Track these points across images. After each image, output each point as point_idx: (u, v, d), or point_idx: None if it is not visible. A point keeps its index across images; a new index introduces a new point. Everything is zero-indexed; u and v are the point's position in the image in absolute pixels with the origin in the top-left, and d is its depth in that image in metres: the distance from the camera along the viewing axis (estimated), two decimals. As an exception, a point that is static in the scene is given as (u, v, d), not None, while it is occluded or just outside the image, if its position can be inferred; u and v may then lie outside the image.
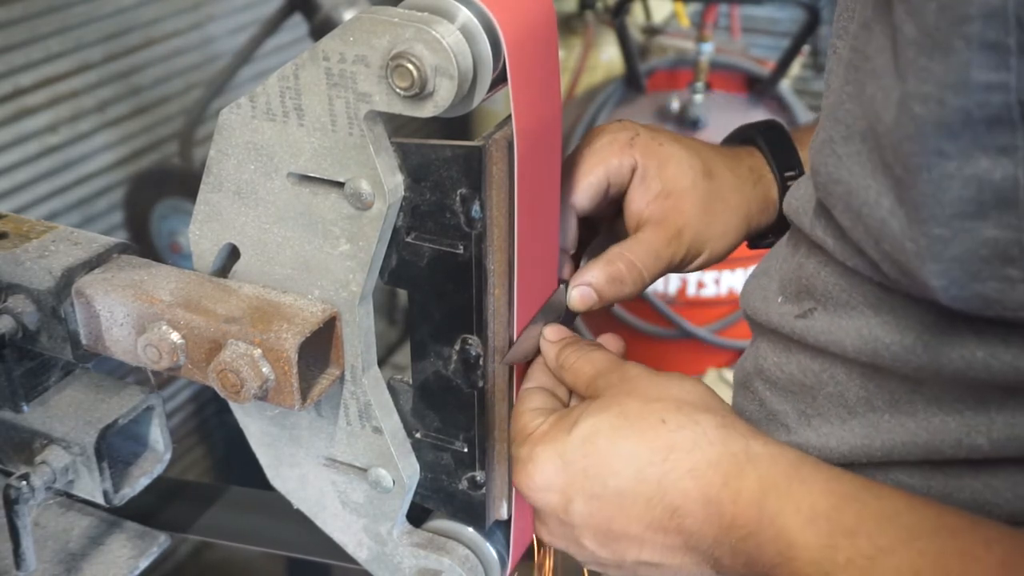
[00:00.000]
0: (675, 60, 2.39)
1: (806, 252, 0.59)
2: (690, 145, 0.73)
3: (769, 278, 0.64)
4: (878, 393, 0.54)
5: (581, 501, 0.57)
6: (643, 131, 0.71)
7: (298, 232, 0.62)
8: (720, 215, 0.72)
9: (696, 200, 0.70)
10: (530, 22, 0.57)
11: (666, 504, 0.54)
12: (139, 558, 0.77)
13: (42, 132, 1.85)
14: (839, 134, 0.49)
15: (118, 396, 0.70)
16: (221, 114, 0.61)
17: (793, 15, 2.97)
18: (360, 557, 0.74)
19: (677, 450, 0.54)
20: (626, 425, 0.56)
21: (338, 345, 0.64)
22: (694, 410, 0.56)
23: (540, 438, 0.59)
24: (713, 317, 2.29)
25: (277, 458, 0.73)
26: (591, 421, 0.57)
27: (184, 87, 2.12)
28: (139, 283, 0.64)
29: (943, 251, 0.43)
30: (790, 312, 0.59)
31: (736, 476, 0.53)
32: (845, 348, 0.54)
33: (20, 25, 1.76)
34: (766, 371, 0.62)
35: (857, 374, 0.55)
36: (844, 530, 0.48)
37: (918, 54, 0.41)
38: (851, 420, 0.56)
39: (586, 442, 0.57)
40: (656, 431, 0.55)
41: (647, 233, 0.69)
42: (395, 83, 0.53)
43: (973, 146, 0.41)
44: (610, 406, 0.57)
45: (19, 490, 0.65)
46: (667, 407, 0.56)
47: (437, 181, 0.59)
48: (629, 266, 0.68)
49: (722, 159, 0.74)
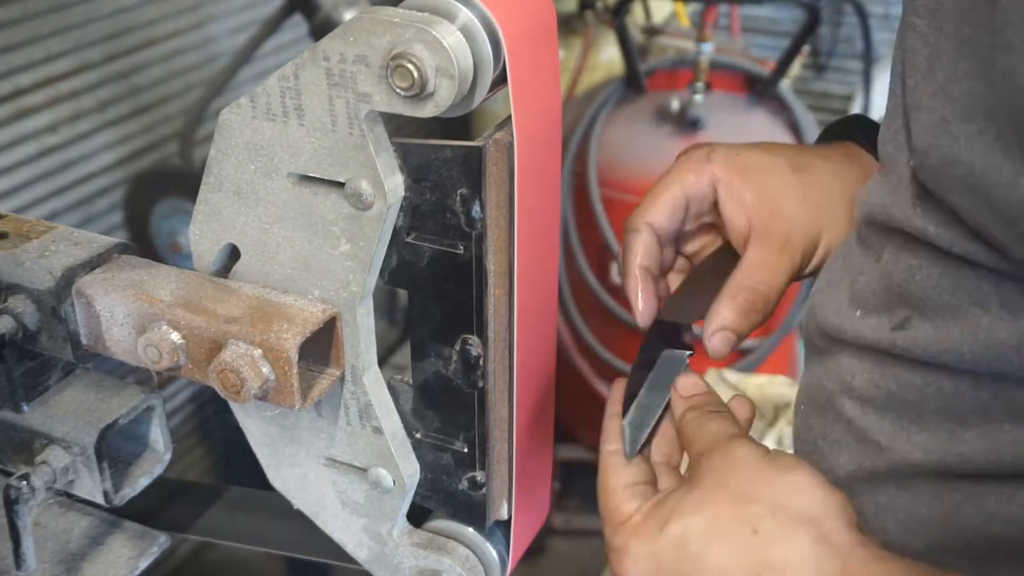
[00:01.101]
0: (675, 60, 2.39)
1: (892, 257, 0.56)
2: (771, 147, 0.71)
3: (837, 291, 0.61)
4: (993, 402, 0.51)
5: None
6: (719, 147, 0.70)
7: (298, 232, 0.62)
8: (824, 204, 0.69)
9: (793, 198, 0.68)
10: (530, 22, 0.57)
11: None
12: (139, 558, 0.77)
13: (42, 132, 1.85)
14: (954, 113, 0.47)
15: (118, 396, 0.70)
16: (221, 114, 0.61)
17: (793, 15, 2.97)
18: (360, 557, 0.74)
19: (769, 569, 0.52)
20: (717, 533, 0.54)
21: (338, 345, 0.64)
22: (788, 519, 0.53)
23: (634, 531, 0.57)
24: (713, 317, 2.29)
25: (277, 458, 0.73)
26: (683, 522, 0.55)
27: (184, 87, 2.12)
28: (139, 283, 0.64)
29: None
30: (881, 325, 0.56)
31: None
32: (962, 355, 0.51)
33: (20, 25, 1.76)
34: (857, 389, 0.58)
35: (966, 384, 0.52)
36: None
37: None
38: (964, 433, 0.53)
39: (679, 547, 0.55)
40: (747, 543, 0.53)
41: (755, 250, 0.67)
42: (395, 83, 0.53)
43: None
44: (703, 506, 0.55)
45: (19, 490, 0.65)
46: (761, 513, 0.53)
47: (437, 181, 0.59)
48: (754, 293, 0.66)
49: (811, 151, 0.72)
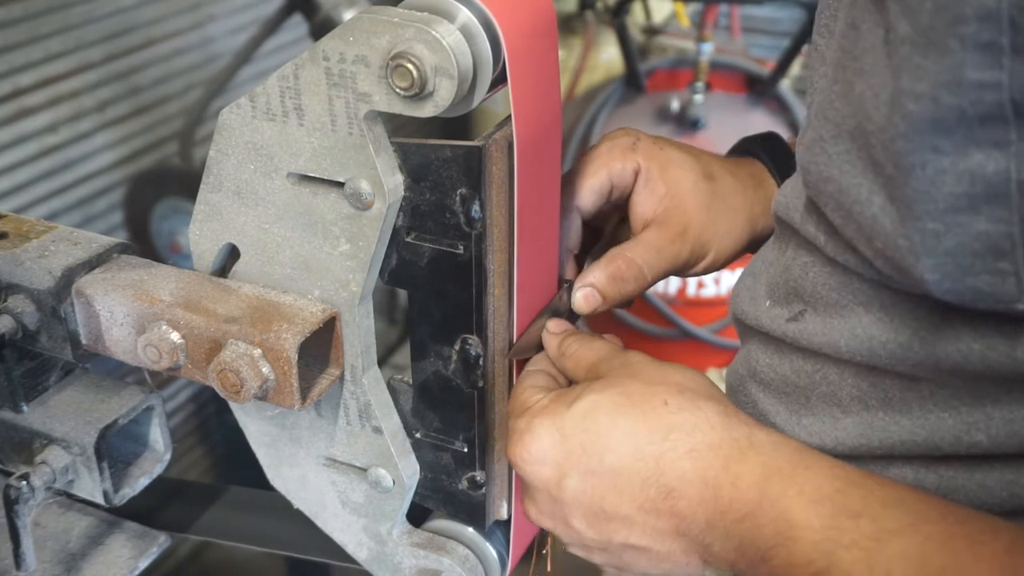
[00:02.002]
0: (675, 60, 2.39)
1: (793, 253, 0.59)
2: (690, 150, 0.75)
3: (756, 279, 0.64)
4: (871, 392, 0.54)
5: (576, 477, 0.57)
6: (644, 136, 0.73)
7: (298, 232, 0.62)
8: (723, 216, 0.73)
9: (699, 201, 0.71)
10: (530, 22, 0.57)
11: (661, 484, 0.54)
12: (139, 558, 0.77)
13: (42, 132, 1.84)
14: (828, 133, 0.50)
15: (118, 396, 0.70)
16: (221, 114, 0.61)
17: (793, 15, 2.97)
18: (360, 557, 0.74)
19: (677, 431, 0.54)
20: (628, 403, 0.56)
21: (338, 345, 0.64)
22: (696, 396, 0.56)
23: (540, 411, 0.59)
24: (713, 317, 2.29)
25: (277, 458, 0.73)
26: (592, 397, 0.57)
27: (184, 87, 2.12)
28: (139, 283, 0.64)
29: (936, 246, 0.44)
30: (780, 315, 0.59)
31: (737, 460, 0.53)
32: (840, 349, 0.54)
33: (20, 25, 1.76)
34: (759, 373, 0.62)
35: (850, 373, 0.55)
36: (849, 512, 0.48)
37: (912, 52, 0.41)
38: (844, 419, 0.56)
39: (586, 417, 0.57)
40: (657, 411, 0.55)
41: (649, 232, 0.71)
42: (395, 83, 0.53)
43: (967, 141, 0.41)
44: (612, 385, 0.58)
45: (19, 490, 0.65)
46: (669, 390, 0.56)
47: (437, 181, 0.59)
48: (629, 263, 0.69)
49: (722, 164, 0.76)
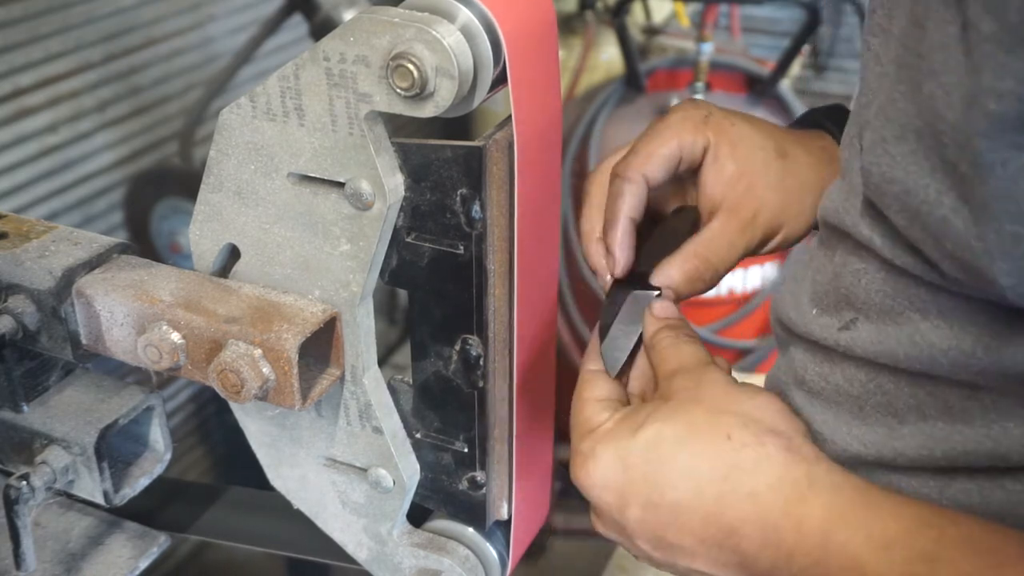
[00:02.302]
0: (675, 60, 2.39)
1: (843, 259, 0.57)
2: (763, 126, 0.72)
3: (799, 286, 0.62)
4: (929, 401, 0.53)
5: (637, 507, 0.56)
6: (716, 111, 0.70)
7: (298, 232, 0.62)
8: (795, 194, 0.70)
9: (770, 181, 0.69)
10: (530, 22, 0.57)
11: (723, 524, 0.53)
12: (139, 558, 0.77)
13: (42, 132, 1.84)
14: (891, 133, 0.48)
15: (118, 396, 0.70)
16: (221, 114, 0.61)
17: (793, 15, 2.97)
18: (360, 557, 0.74)
19: (738, 470, 0.53)
20: (691, 436, 0.55)
21: (338, 345, 0.64)
22: (761, 429, 0.54)
23: (604, 436, 0.57)
24: (713, 317, 2.29)
25: (277, 458, 0.73)
26: (657, 427, 0.56)
27: (184, 87, 2.12)
28: (139, 283, 0.64)
29: (1015, 248, 0.42)
30: (830, 324, 0.57)
31: (797, 503, 0.51)
32: (897, 358, 0.52)
33: (20, 25, 1.75)
34: (807, 382, 0.60)
35: (906, 382, 0.53)
36: (923, 556, 0.47)
37: (995, 50, 0.40)
38: (901, 429, 0.54)
39: (649, 448, 0.55)
40: (719, 447, 0.54)
41: (721, 222, 0.68)
42: (395, 83, 0.53)
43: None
44: (678, 414, 0.56)
45: (19, 490, 0.65)
46: (734, 422, 0.55)
47: (437, 181, 0.59)
48: (705, 264, 0.67)
49: (795, 139, 0.73)
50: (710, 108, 0.70)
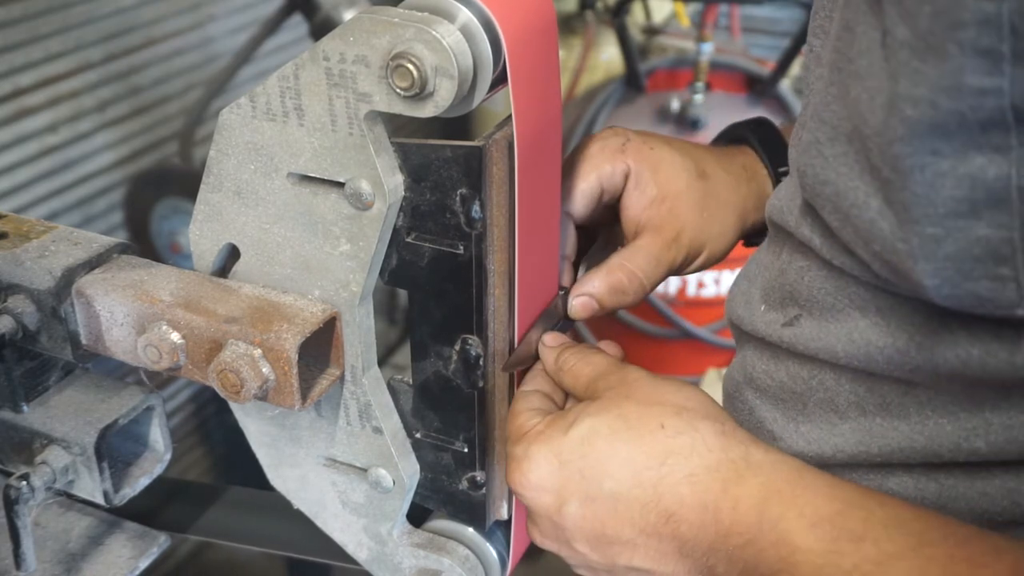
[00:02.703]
0: (675, 60, 2.39)
1: (788, 257, 0.58)
2: (681, 147, 0.73)
3: (751, 284, 0.64)
4: (868, 397, 0.54)
5: (575, 503, 0.56)
6: (634, 136, 0.71)
7: (298, 232, 0.62)
8: (716, 214, 0.72)
9: (692, 202, 0.70)
10: (530, 22, 0.57)
11: (661, 509, 0.54)
12: (139, 558, 0.77)
13: (42, 132, 1.84)
14: (825, 135, 0.49)
15: (118, 396, 0.70)
16: (221, 114, 0.61)
17: (793, 15, 2.97)
18: (360, 557, 0.74)
19: (675, 455, 0.54)
20: (624, 428, 0.55)
21: (338, 345, 0.64)
22: (693, 416, 0.55)
23: (536, 437, 0.58)
24: (713, 317, 2.29)
25: (277, 458, 0.73)
26: (589, 422, 0.57)
27: (184, 87, 2.12)
28: (139, 283, 0.64)
29: (936, 250, 0.43)
30: (775, 320, 0.58)
31: (735, 483, 0.52)
32: (836, 354, 0.54)
33: (20, 25, 1.76)
34: (756, 379, 0.61)
35: (847, 379, 0.55)
36: (850, 535, 0.48)
37: (910, 57, 0.41)
38: (842, 425, 0.55)
39: (583, 443, 0.56)
40: (654, 435, 0.55)
41: (645, 240, 0.69)
42: (395, 83, 0.53)
43: (967, 145, 0.41)
44: (609, 408, 0.57)
45: (19, 490, 0.65)
46: (666, 412, 0.56)
47: (437, 181, 0.59)
48: (630, 276, 0.68)
49: (715, 158, 0.74)
50: (627, 134, 0.71)
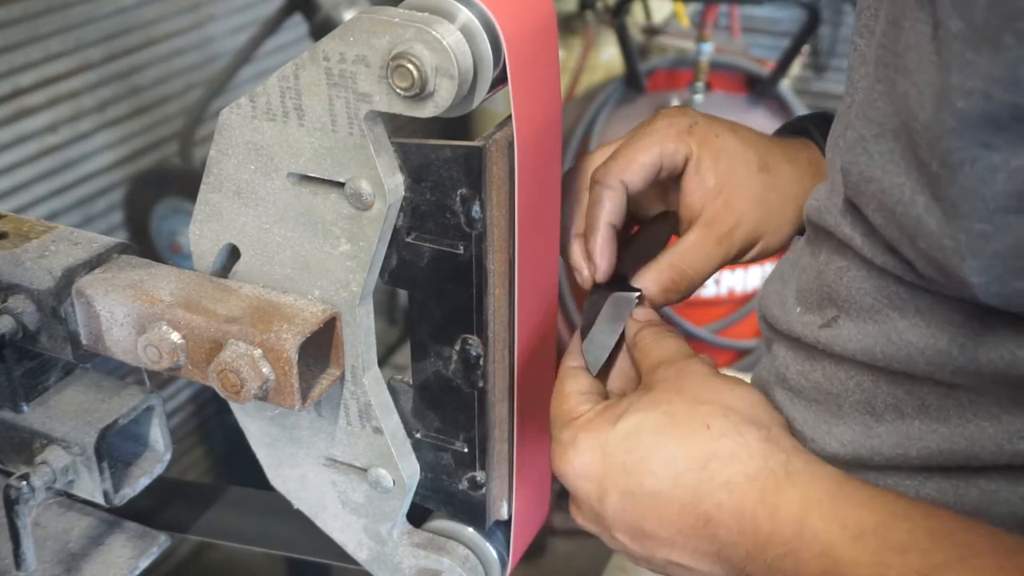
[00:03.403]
0: (675, 60, 2.39)
1: (827, 257, 0.57)
2: (747, 137, 0.72)
3: (784, 284, 0.63)
4: (907, 399, 0.53)
5: (616, 496, 0.56)
6: (702, 120, 0.71)
7: (298, 232, 0.62)
8: (776, 208, 0.71)
9: (750, 195, 0.70)
10: (530, 22, 0.57)
11: (700, 513, 0.53)
12: (139, 558, 0.77)
13: (42, 132, 1.84)
14: (870, 132, 0.49)
15: (118, 396, 0.70)
16: (221, 114, 0.61)
17: (793, 15, 2.97)
18: (360, 557, 0.74)
19: (716, 460, 0.53)
20: (670, 426, 0.55)
21: (338, 345, 0.64)
22: (741, 420, 0.55)
23: (584, 425, 0.58)
24: (713, 317, 2.29)
25: (277, 458, 0.73)
26: (638, 417, 0.57)
27: (184, 87, 2.12)
28: (139, 283, 0.64)
29: (984, 247, 0.43)
30: (812, 322, 0.58)
31: (773, 492, 0.52)
32: (875, 356, 0.53)
33: (20, 25, 1.75)
34: (789, 380, 0.61)
35: (885, 381, 0.54)
36: (895, 547, 0.47)
37: (964, 48, 0.40)
38: (878, 427, 0.55)
39: (629, 437, 0.56)
40: (699, 436, 0.54)
41: (698, 234, 0.69)
42: (395, 83, 0.53)
43: (1021, 138, 0.40)
44: (659, 403, 0.57)
45: (19, 490, 0.65)
46: (714, 412, 0.55)
47: (437, 181, 0.59)
48: (681, 275, 0.68)
49: (781, 150, 0.73)
50: (696, 117, 0.71)
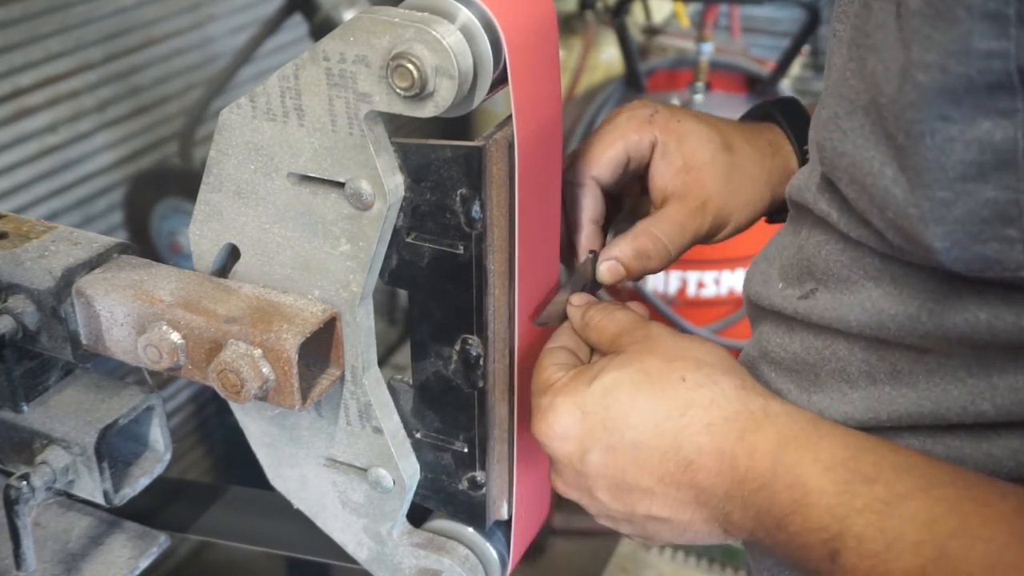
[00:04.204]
0: (675, 60, 2.39)
1: (807, 233, 0.60)
2: (708, 120, 0.75)
3: (769, 263, 0.65)
4: (879, 365, 0.55)
5: (597, 452, 0.58)
6: (662, 108, 0.74)
7: (298, 232, 0.62)
8: (742, 186, 0.74)
9: (717, 172, 0.72)
10: (530, 22, 0.57)
11: (680, 458, 0.55)
12: (139, 558, 0.77)
13: (42, 132, 1.84)
14: (843, 109, 0.51)
15: (118, 396, 0.70)
16: (221, 114, 0.61)
17: (793, 15, 2.97)
18: (360, 557, 0.74)
19: (695, 406, 0.56)
20: (646, 380, 0.57)
21: (338, 345, 0.64)
22: (713, 371, 0.57)
23: (561, 388, 0.60)
24: (713, 317, 2.29)
25: (277, 458, 0.73)
26: (613, 375, 0.58)
27: (184, 87, 2.12)
28: (139, 283, 0.64)
29: (945, 214, 0.45)
30: (792, 295, 0.60)
31: (752, 431, 0.54)
32: (849, 323, 0.55)
33: (20, 25, 1.75)
34: (770, 353, 0.63)
35: (859, 348, 0.56)
36: (862, 477, 0.50)
37: (922, 24, 0.42)
38: (852, 393, 0.57)
39: (606, 394, 0.58)
40: (675, 388, 0.57)
41: (671, 207, 0.71)
42: (395, 83, 0.53)
43: (975, 110, 0.42)
44: (632, 362, 0.59)
45: (19, 490, 0.65)
46: (687, 366, 0.58)
47: (437, 181, 0.59)
48: (654, 240, 0.70)
49: (741, 132, 0.76)
50: (655, 107, 0.74)
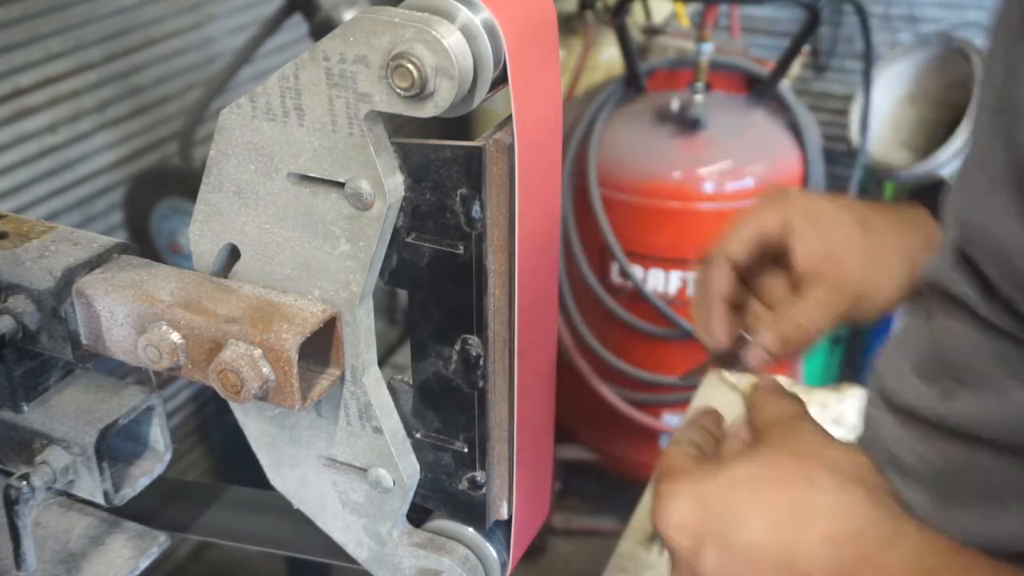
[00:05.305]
0: (675, 60, 2.39)
1: (941, 322, 0.55)
2: (841, 201, 0.78)
3: (901, 354, 0.61)
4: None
5: (712, 551, 0.54)
6: (794, 192, 0.77)
7: (298, 232, 0.62)
8: (882, 260, 0.74)
9: (856, 251, 0.74)
10: (530, 22, 0.57)
11: (796, 570, 0.51)
12: (139, 558, 0.77)
13: (42, 132, 1.85)
14: (986, 183, 0.47)
15: (118, 396, 0.70)
16: (221, 114, 0.61)
17: (793, 15, 2.97)
18: (360, 557, 0.74)
19: (817, 514, 0.52)
20: (770, 478, 0.54)
21: (338, 345, 0.64)
22: (846, 476, 0.53)
23: (682, 476, 0.57)
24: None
25: (277, 458, 0.73)
26: (738, 469, 0.55)
27: (184, 87, 2.12)
28: (139, 283, 0.64)
29: None
30: (930, 393, 0.55)
31: (879, 553, 0.50)
32: (995, 430, 0.50)
33: (20, 25, 1.76)
34: (899, 458, 0.57)
35: (1007, 460, 0.51)
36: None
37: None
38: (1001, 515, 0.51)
39: (727, 489, 0.54)
40: (799, 489, 0.53)
41: (810, 290, 0.74)
42: (395, 83, 0.53)
43: None
44: (761, 456, 0.56)
45: (19, 490, 0.65)
46: (818, 466, 0.54)
47: (437, 181, 0.59)
48: (796, 328, 0.73)
49: (875, 210, 0.78)
50: (788, 191, 0.78)
